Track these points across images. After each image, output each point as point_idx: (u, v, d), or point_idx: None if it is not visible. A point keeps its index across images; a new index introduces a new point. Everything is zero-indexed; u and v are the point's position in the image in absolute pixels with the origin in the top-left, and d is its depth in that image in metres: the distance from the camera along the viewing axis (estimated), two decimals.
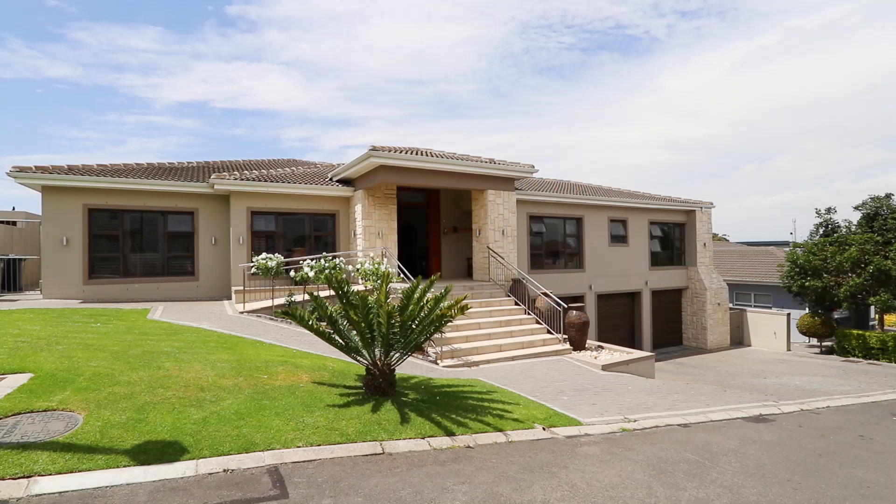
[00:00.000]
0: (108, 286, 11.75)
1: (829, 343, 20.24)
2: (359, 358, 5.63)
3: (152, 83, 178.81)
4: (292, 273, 10.65)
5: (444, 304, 5.94)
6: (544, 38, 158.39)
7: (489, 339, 10.59)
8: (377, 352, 5.54)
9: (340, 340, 5.28)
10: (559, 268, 16.90)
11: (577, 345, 11.08)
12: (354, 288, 11.52)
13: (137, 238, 12.33)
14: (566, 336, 11.11)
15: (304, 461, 3.99)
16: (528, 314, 12.00)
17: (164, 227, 12.53)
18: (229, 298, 12.48)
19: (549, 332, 11.36)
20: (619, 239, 18.26)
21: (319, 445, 4.26)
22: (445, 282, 13.43)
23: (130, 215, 12.21)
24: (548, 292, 11.71)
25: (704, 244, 20.05)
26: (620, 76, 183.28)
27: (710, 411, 7.19)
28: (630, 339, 18.51)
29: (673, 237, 20.06)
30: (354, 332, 5.62)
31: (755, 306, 23.43)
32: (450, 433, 4.89)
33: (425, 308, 5.46)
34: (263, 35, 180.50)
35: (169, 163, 14.52)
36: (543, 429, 5.51)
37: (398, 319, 5.07)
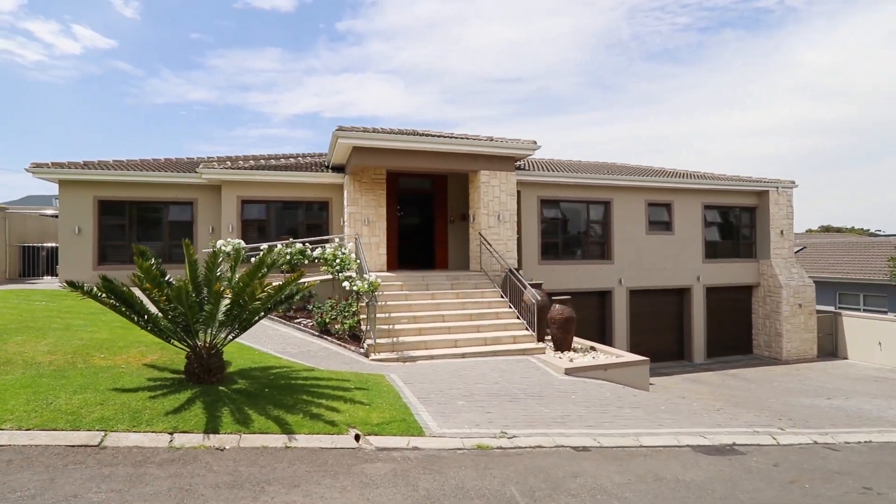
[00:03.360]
0: (114, 272, 12.58)
1: None
2: (173, 341, 5.07)
3: (272, 99, 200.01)
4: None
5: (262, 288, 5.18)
6: (656, 22, 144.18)
7: (448, 333, 9.47)
8: (183, 334, 4.94)
9: (136, 317, 4.76)
10: (580, 259, 14.90)
11: (561, 344, 9.45)
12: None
13: (142, 227, 13.21)
14: (549, 334, 9.55)
15: None
16: (511, 308, 10.58)
17: (166, 217, 13.28)
18: None
19: (526, 328, 9.88)
20: (660, 226, 15.62)
21: (29, 430, 3.77)
22: (447, 272, 12.43)
23: (136, 206, 13.12)
24: (527, 284, 10.19)
25: (782, 232, 16.40)
26: (746, 55, 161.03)
27: (652, 433, 5.46)
28: (677, 344, 15.79)
29: (738, 224, 16.70)
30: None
31: (864, 310, 18.70)
32: (212, 431, 4.11)
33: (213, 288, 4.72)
34: (369, 46, 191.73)
35: (188, 158, 15.41)
36: (357, 437, 4.46)
37: (161, 297, 4.41)
